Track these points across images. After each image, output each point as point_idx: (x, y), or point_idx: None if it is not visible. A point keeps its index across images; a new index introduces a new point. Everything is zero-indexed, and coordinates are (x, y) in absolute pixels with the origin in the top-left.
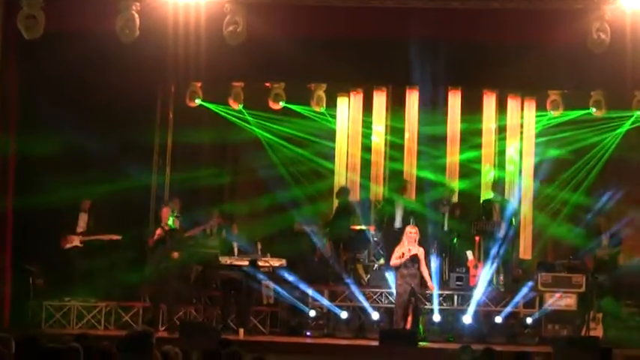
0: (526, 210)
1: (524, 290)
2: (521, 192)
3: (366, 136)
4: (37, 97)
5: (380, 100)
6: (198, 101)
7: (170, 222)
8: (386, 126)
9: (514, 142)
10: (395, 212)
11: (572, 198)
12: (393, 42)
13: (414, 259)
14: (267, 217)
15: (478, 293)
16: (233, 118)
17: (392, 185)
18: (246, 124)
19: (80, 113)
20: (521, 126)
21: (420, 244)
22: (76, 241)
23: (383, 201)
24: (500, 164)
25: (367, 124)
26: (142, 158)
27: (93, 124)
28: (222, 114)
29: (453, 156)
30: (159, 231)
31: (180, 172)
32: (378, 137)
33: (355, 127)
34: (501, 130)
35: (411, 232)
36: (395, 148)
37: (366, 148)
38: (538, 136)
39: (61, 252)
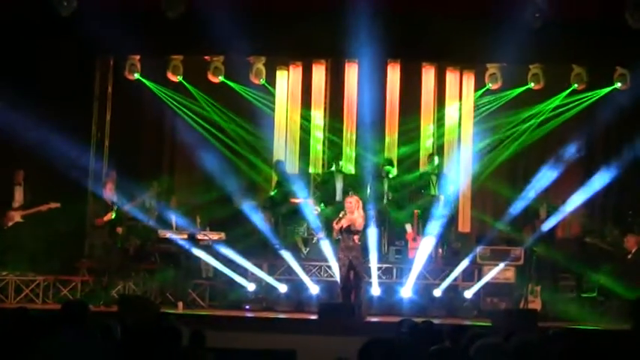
0: (465, 182)
1: (463, 263)
2: (460, 164)
3: (305, 109)
4: None
5: (319, 73)
6: (137, 75)
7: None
8: (325, 99)
9: (453, 113)
10: (335, 185)
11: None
12: (332, 14)
13: (350, 229)
14: (205, 191)
15: (417, 266)
16: (169, 99)
17: (331, 158)
18: (180, 107)
19: (17, 86)
20: (460, 98)
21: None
22: (17, 217)
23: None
24: (439, 136)
25: (306, 98)
26: (80, 131)
27: (30, 97)
28: (158, 92)
29: (392, 129)
30: (109, 215)
31: (119, 145)
32: (318, 112)
33: (294, 101)
34: (440, 102)
35: (349, 202)
36: (334, 121)
37: (305, 122)
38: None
39: None
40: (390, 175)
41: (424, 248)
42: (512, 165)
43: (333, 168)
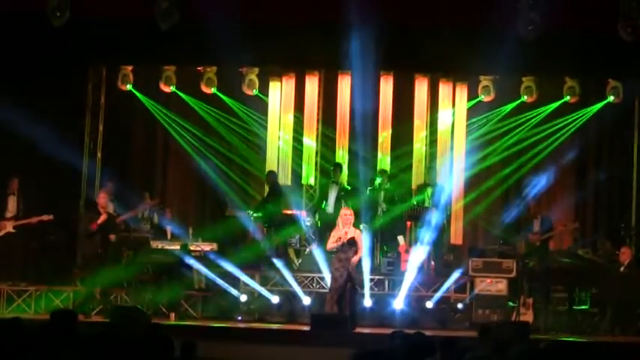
0: (457, 195)
1: (455, 275)
2: (453, 176)
3: (298, 120)
4: None
5: (312, 84)
6: (129, 86)
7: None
8: (318, 110)
9: (446, 125)
10: (328, 196)
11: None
12: (325, 26)
13: (351, 242)
14: (198, 201)
15: (409, 278)
16: (159, 113)
17: (324, 169)
18: (169, 121)
19: (10, 95)
20: (453, 109)
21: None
22: (8, 227)
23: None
24: (432, 147)
25: (299, 108)
26: (73, 142)
27: (23, 107)
28: (149, 106)
29: (385, 139)
30: (103, 217)
31: (112, 156)
32: (311, 123)
33: (287, 111)
34: (433, 113)
35: (346, 214)
36: (327, 133)
37: (298, 133)
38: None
39: None
40: (384, 186)
41: (416, 260)
42: (505, 178)
43: (332, 179)
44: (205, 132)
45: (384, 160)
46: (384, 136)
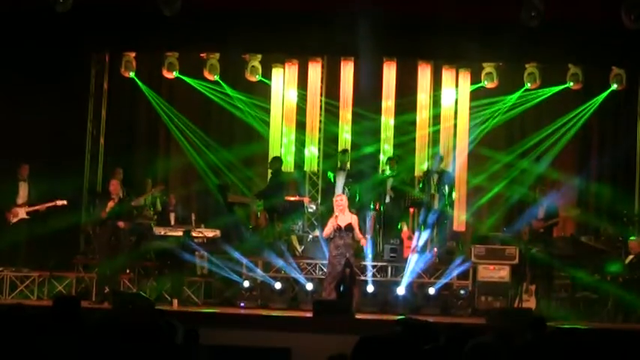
0: (461, 180)
1: (458, 262)
2: (455, 161)
3: (301, 107)
4: None
5: (315, 70)
6: (132, 74)
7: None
8: (320, 96)
9: (449, 111)
10: (335, 183)
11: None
12: (329, 12)
13: (348, 228)
14: (201, 188)
15: (412, 265)
16: (160, 103)
17: (327, 157)
18: (170, 114)
19: (13, 82)
20: (456, 96)
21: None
22: (22, 214)
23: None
24: (435, 133)
25: (302, 96)
26: (76, 128)
27: (26, 93)
28: (150, 96)
29: (388, 127)
30: (110, 203)
31: (115, 142)
32: (314, 109)
33: (290, 98)
34: (436, 100)
35: (337, 199)
36: (330, 119)
37: (301, 120)
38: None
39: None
40: (388, 173)
41: (419, 247)
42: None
43: (340, 165)
44: (207, 118)
45: (387, 123)
46: (387, 121)
